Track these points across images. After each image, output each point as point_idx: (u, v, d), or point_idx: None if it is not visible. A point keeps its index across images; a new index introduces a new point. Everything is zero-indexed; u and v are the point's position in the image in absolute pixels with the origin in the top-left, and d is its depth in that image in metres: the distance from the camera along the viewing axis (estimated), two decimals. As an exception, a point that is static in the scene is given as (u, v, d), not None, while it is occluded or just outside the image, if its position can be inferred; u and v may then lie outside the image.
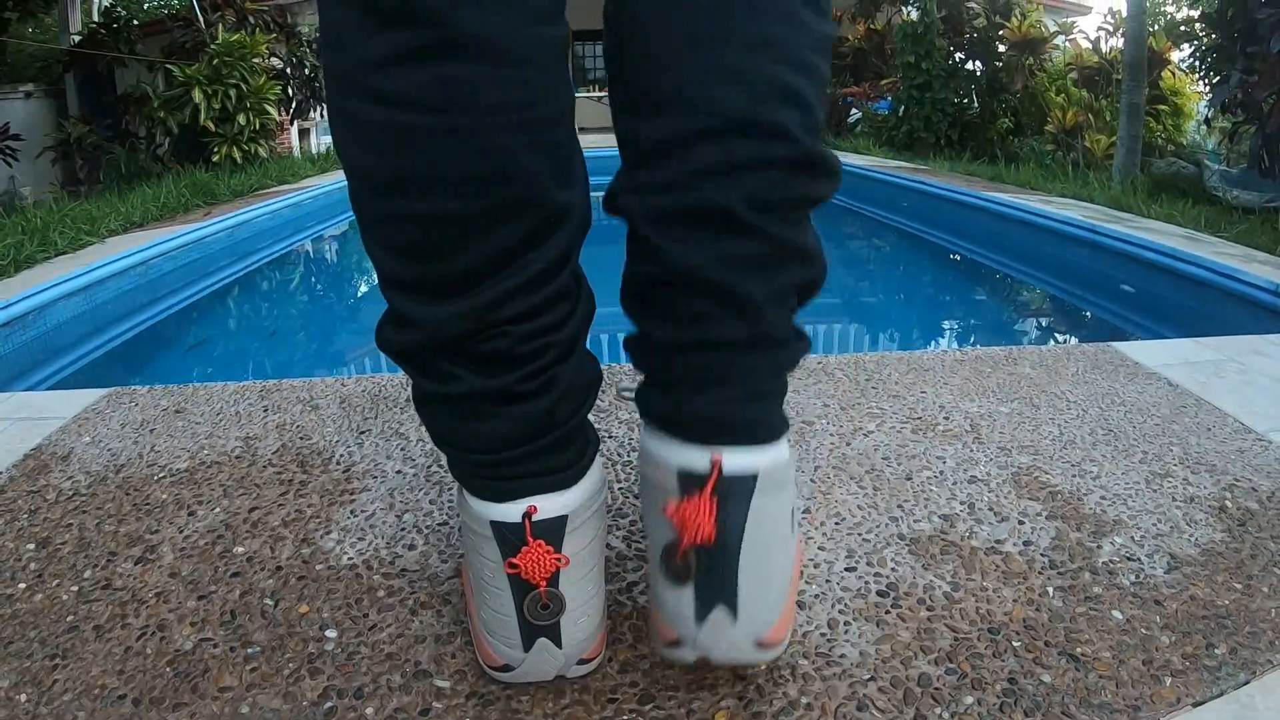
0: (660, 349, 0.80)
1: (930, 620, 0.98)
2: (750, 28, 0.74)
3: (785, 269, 0.78)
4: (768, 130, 0.74)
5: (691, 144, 0.74)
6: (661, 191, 0.76)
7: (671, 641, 0.79)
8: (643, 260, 0.79)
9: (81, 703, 0.87)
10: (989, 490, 1.28)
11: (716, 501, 0.74)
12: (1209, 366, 1.82)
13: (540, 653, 0.80)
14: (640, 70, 0.77)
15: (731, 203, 0.74)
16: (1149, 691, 0.87)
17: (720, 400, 0.76)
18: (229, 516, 1.24)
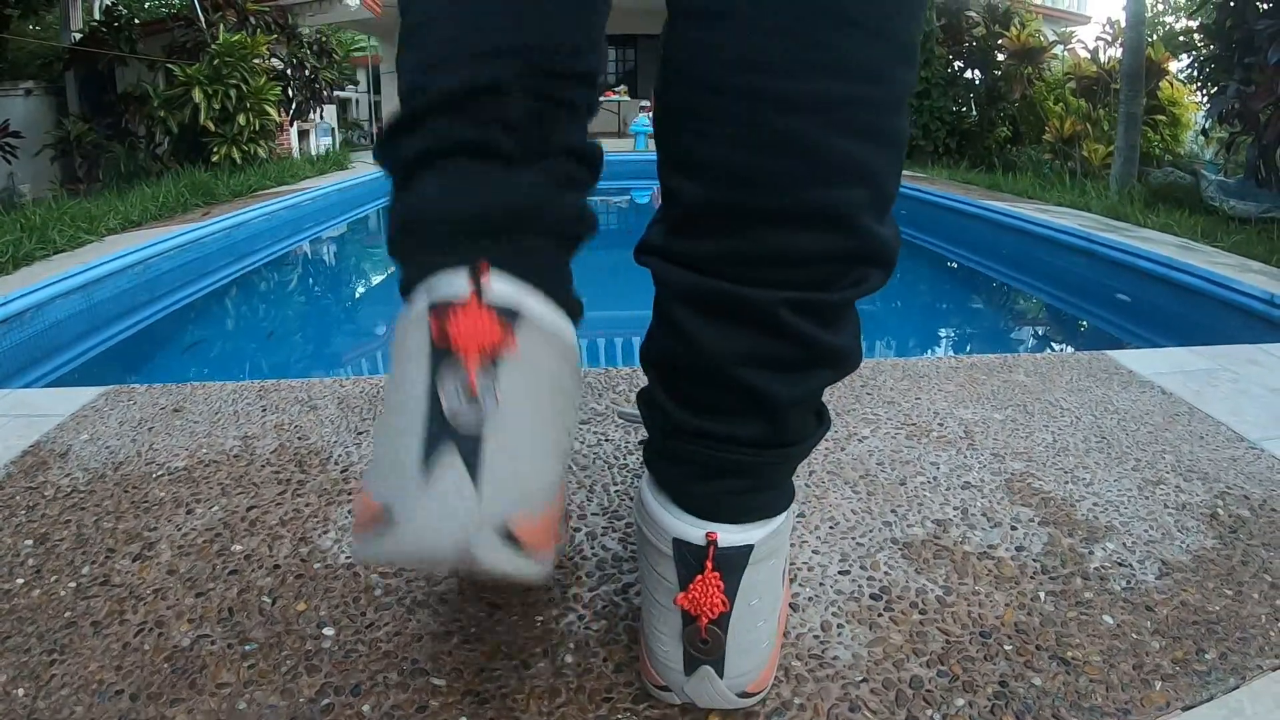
0: (674, 428, 0.76)
1: (922, 623, 0.98)
2: (825, 88, 0.64)
3: (818, 373, 0.73)
4: (829, 217, 0.66)
5: (736, 223, 0.67)
6: (698, 272, 0.70)
7: (660, 686, 0.81)
8: (669, 336, 0.74)
9: (79, 697, 0.88)
10: (982, 496, 1.29)
11: (720, 574, 0.74)
12: (1203, 375, 1.83)
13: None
14: (688, 121, 0.69)
15: (773, 304, 0.68)
16: (1139, 695, 0.88)
17: (726, 490, 0.74)
18: (227, 515, 1.25)
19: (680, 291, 0.71)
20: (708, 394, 0.73)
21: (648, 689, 0.85)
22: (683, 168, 0.69)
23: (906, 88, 0.68)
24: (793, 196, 0.65)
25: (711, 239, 0.69)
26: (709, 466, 0.74)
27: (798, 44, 0.62)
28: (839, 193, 0.66)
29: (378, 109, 17.45)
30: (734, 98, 0.64)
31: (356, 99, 17.88)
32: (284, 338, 4.10)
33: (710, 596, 0.73)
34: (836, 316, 0.72)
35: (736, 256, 0.68)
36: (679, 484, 0.76)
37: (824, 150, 0.64)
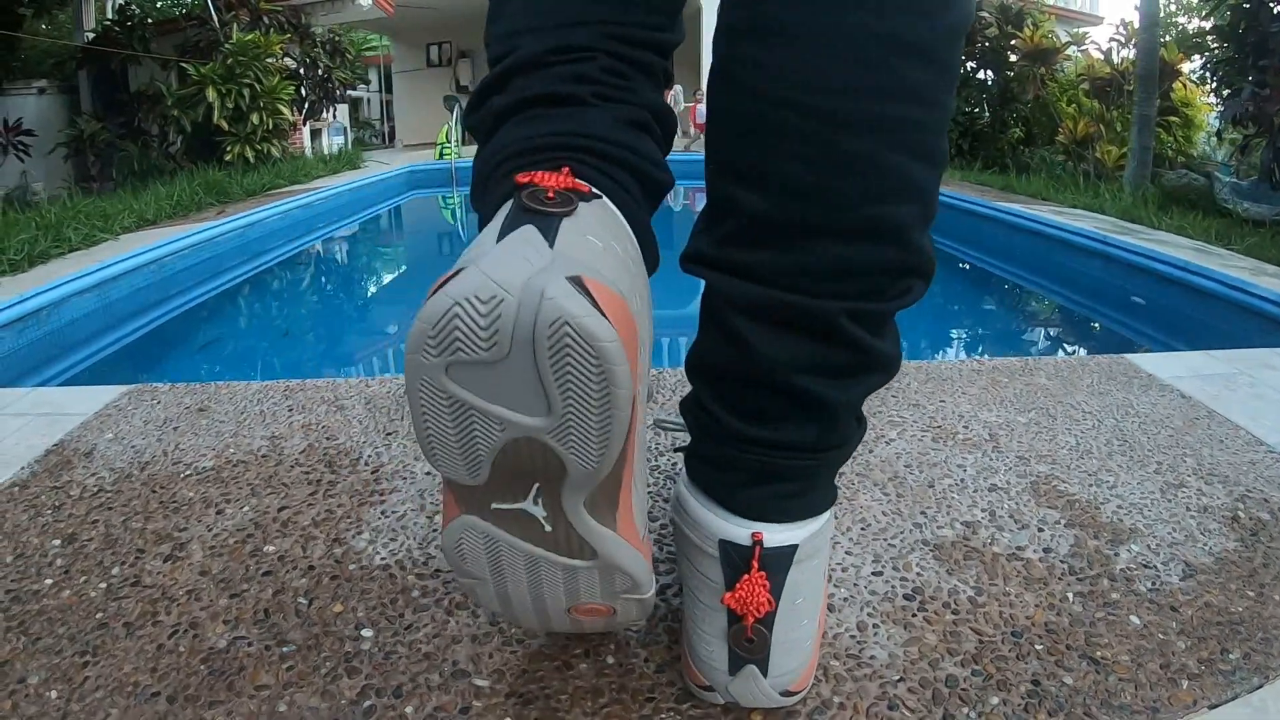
0: (723, 435, 0.77)
1: (955, 624, 1.00)
2: (886, 110, 0.66)
3: (868, 378, 0.76)
4: (886, 232, 0.69)
5: (796, 236, 0.69)
6: (756, 281, 0.71)
7: (703, 686, 0.83)
8: (723, 344, 0.75)
9: (114, 700, 0.88)
10: (1009, 498, 1.30)
11: (766, 574, 0.75)
12: (1220, 379, 1.84)
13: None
14: (750, 134, 0.70)
15: (833, 313, 0.70)
16: (1166, 694, 0.89)
17: (774, 494, 0.76)
18: (258, 515, 1.25)
19: (740, 302, 0.73)
20: (762, 401, 0.75)
21: (690, 689, 0.86)
22: (744, 179, 0.71)
23: (950, 111, 0.71)
24: (856, 212, 0.68)
25: (772, 250, 0.70)
26: (760, 472, 0.76)
27: (861, 67, 0.65)
28: (896, 209, 0.68)
29: (389, 108, 17.48)
30: (803, 116, 0.66)
31: (368, 98, 17.91)
32: (299, 336, 4.12)
33: (756, 596, 0.75)
34: (885, 324, 0.75)
35: (799, 268, 0.70)
36: (727, 489, 0.77)
37: (885, 169, 0.67)
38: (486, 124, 0.79)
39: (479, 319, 0.57)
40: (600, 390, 0.58)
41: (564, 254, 0.60)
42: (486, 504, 0.66)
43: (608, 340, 0.57)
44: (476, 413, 0.60)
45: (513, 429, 0.61)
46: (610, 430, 0.60)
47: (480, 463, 0.63)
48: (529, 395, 0.59)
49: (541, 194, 0.66)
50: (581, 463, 0.62)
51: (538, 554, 0.68)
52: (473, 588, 0.74)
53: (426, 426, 0.62)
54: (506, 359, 0.58)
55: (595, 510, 0.67)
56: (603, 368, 0.57)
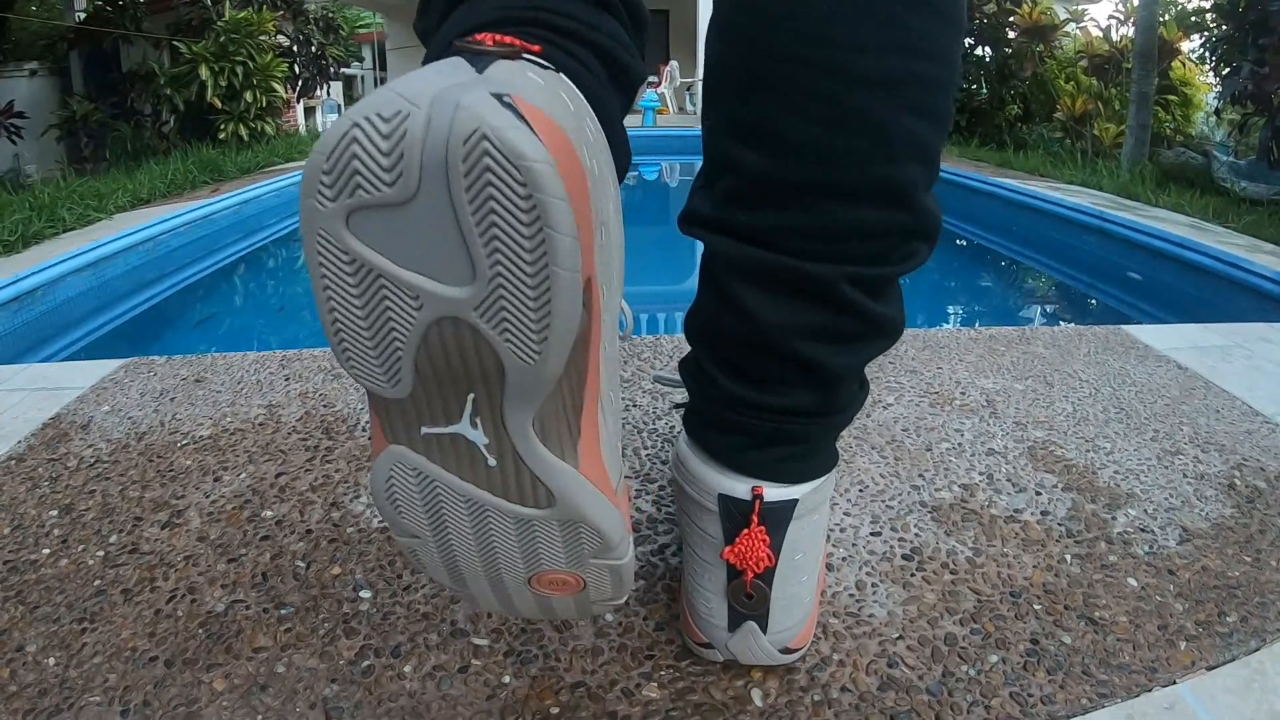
0: (724, 399, 0.76)
1: (954, 583, 1.00)
2: (896, 67, 0.64)
3: (871, 344, 0.74)
4: (894, 193, 0.67)
5: (799, 197, 0.67)
6: (756, 244, 0.69)
7: (702, 643, 0.83)
8: (723, 309, 0.74)
9: (112, 665, 0.88)
10: (1006, 462, 1.30)
11: (765, 528, 0.75)
12: (1217, 351, 1.85)
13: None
14: (752, 90, 0.67)
15: (835, 279, 0.68)
16: (1165, 655, 0.89)
17: (774, 458, 0.76)
18: (255, 482, 1.26)
19: (739, 265, 0.71)
20: (763, 367, 0.74)
21: (689, 646, 0.86)
22: (745, 137, 0.68)
23: (959, 68, 0.69)
24: (862, 172, 0.65)
25: (774, 211, 0.68)
26: (760, 436, 0.75)
27: (873, 21, 0.62)
28: (902, 169, 0.66)
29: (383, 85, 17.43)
30: (811, 71, 0.63)
31: (362, 76, 17.85)
32: (294, 312, 4.11)
33: (756, 551, 0.75)
34: (888, 289, 0.73)
35: (801, 230, 0.68)
36: (727, 451, 0.77)
37: (892, 127, 0.65)
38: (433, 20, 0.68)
39: (380, 141, 0.45)
40: (533, 236, 0.46)
41: (493, 77, 0.48)
42: (415, 427, 0.55)
43: (538, 160, 0.44)
44: (387, 282, 0.48)
45: (431, 304, 0.49)
46: (551, 303, 0.48)
47: (399, 361, 0.51)
48: (447, 252, 0.47)
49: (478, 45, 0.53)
50: (520, 354, 0.50)
51: (483, 499, 0.57)
52: (413, 549, 0.63)
53: (331, 309, 0.51)
54: (416, 197, 0.46)
55: (548, 438, 0.56)
56: (534, 200, 0.45)
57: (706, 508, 0.77)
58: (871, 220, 0.67)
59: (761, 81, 0.66)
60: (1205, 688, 0.86)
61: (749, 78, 0.67)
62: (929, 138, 0.67)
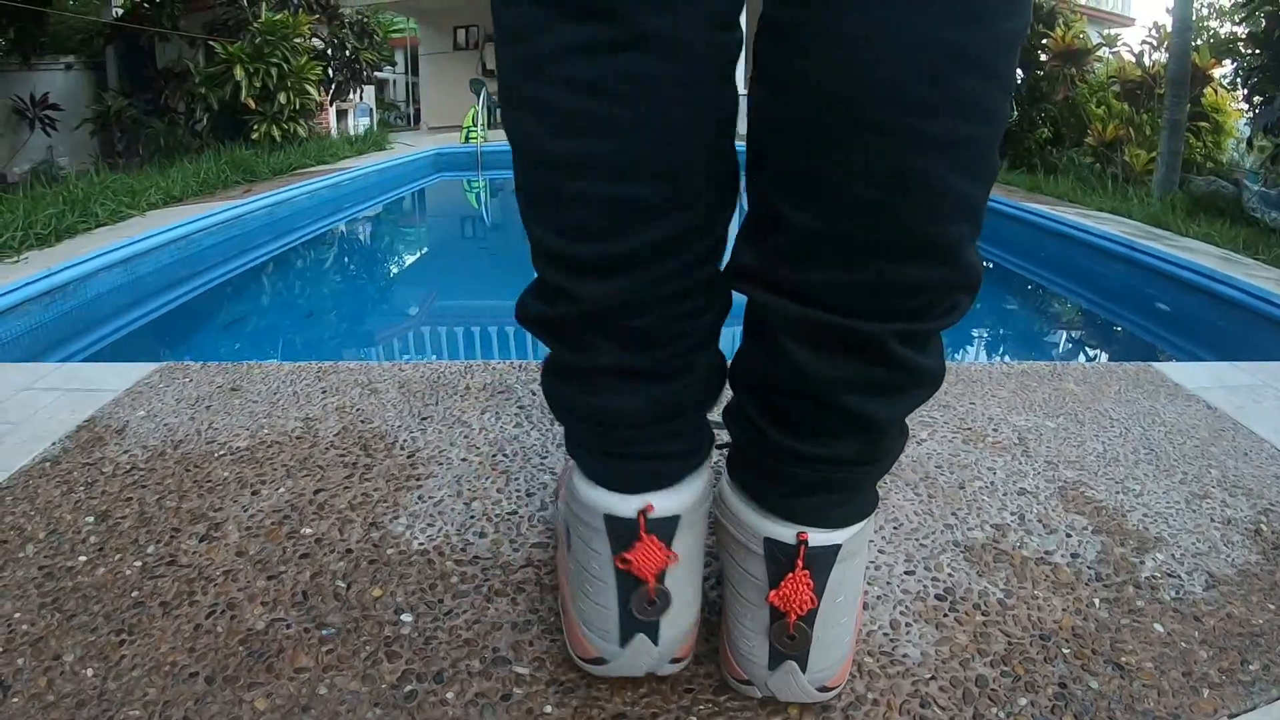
0: (771, 449, 0.78)
1: (985, 625, 1.01)
2: (948, 127, 0.64)
3: (915, 394, 0.76)
4: (942, 251, 0.68)
5: (854, 255, 0.68)
6: (805, 302, 0.71)
7: (742, 680, 0.85)
8: (769, 360, 0.77)
9: (152, 679, 0.89)
10: (1038, 502, 1.31)
11: (810, 572, 0.77)
12: (1246, 391, 1.84)
13: (637, 648, 0.82)
14: (804, 147, 0.68)
15: (885, 336, 0.70)
16: (1188, 701, 0.90)
17: (819, 504, 0.78)
18: (294, 497, 1.26)
19: (790, 322, 0.73)
20: (812, 418, 0.76)
21: (728, 681, 0.88)
22: (799, 196, 0.69)
23: (1005, 124, 0.70)
24: (914, 232, 0.67)
25: (824, 269, 0.70)
26: (805, 484, 0.77)
27: (933, 84, 0.63)
28: (952, 228, 0.68)
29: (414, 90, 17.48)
30: (874, 133, 0.64)
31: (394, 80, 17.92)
32: (323, 316, 4.13)
33: (800, 594, 0.77)
34: (932, 341, 0.75)
35: (851, 288, 0.70)
36: (773, 498, 0.79)
37: (946, 189, 0.66)
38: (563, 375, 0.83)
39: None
40: None
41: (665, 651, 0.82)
42: None
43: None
44: None
45: None
46: None
47: None
48: None
49: (644, 601, 0.79)
50: None
51: None
52: None
53: None
54: None
55: None
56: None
57: (751, 550, 0.79)
58: (920, 278, 0.69)
59: (820, 141, 0.67)
60: (1227, 736, 0.86)
61: (807, 136, 0.67)
62: (977, 197, 0.69)
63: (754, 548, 0.79)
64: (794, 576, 0.77)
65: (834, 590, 0.79)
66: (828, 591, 0.78)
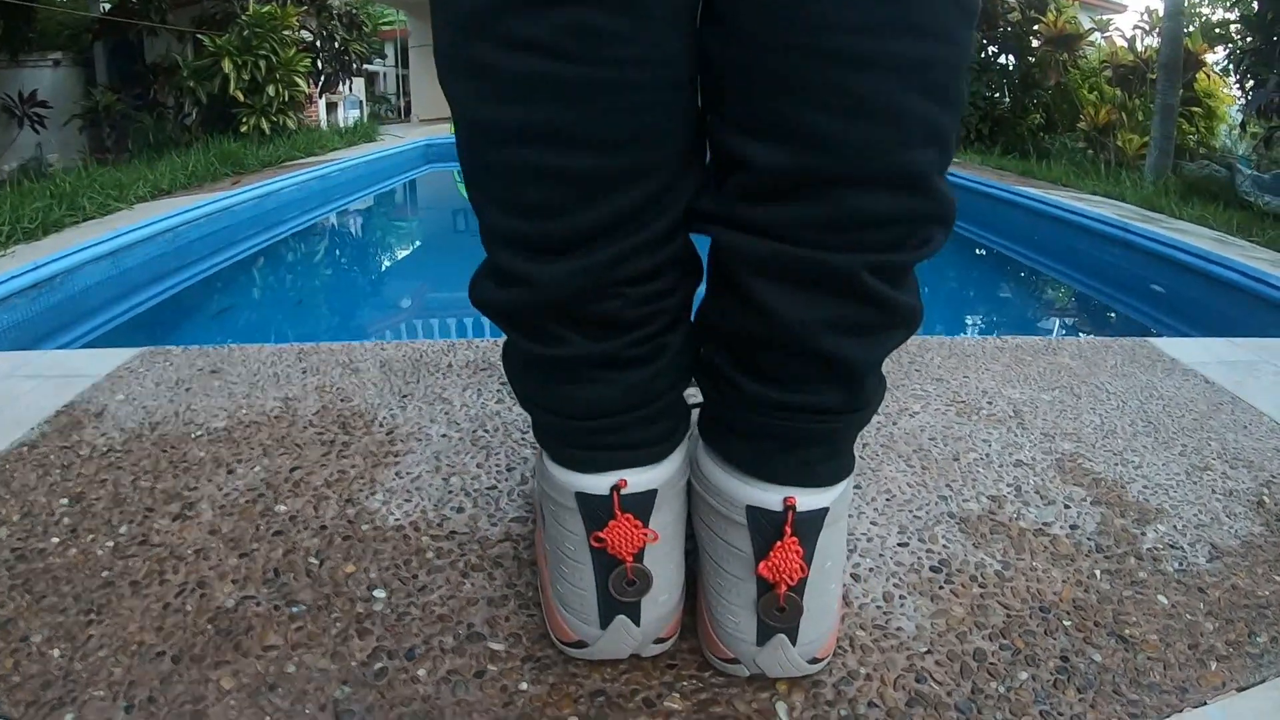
0: (747, 402, 0.74)
1: (983, 597, 0.98)
2: (903, 48, 0.62)
3: (892, 335, 0.73)
4: (909, 179, 0.66)
5: (815, 189, 0.65)
6: (772, 238, 0.68)
7: (727, 659, 0.81)
8: (738, 306, 0.72)
9: (118, 659, 0.86)
10: (1034, 474, 1.28)
11: (798, 539, 0.73)
12: (1243, 366, 1.82)
13: (618, 630, 0.79)
14: (759, 84, 0.65)
15: (855, 268, 0.67)
16: (1195, 674, 0.87)
17: (802, 460, 0.74)
18: (270, 475, 1.24)
19: (755, 261, 0.69)
20: (786, 365, 0.72)
21: (711, 662, 0.84)
22: (755, 132, 0.66)
23: (969, 49, 0.67)
24: (877, 159, 0.64)
25: (789, 205, 0.67)
26: (786, 438, 0.73)
27: (876, 4, 0.60)
28: (917, 154, 0.65)
29: (405, 83, 17.43)
30: (816, 60, 0.62)
31: (384, 73, 17.86)
32: (313, 307, 4.11)
33: (790, 563, 0.73)
34: (905, 276, 0.72)
35: (818, 222, 0.66)
36: (754, 458, 0.75)
37: (905, 112, 0.63)
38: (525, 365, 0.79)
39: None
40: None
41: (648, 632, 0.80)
42: None
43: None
44: None
45: None
46: None
47: None
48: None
49: (623, 581, 0.76)
50: None
51: None
52: None
53: None
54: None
55: None
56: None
57: (733, 520, 0.75)
58: (888, 207, 0.66)
59: (770, 76, 0.64)
60: (1236, 710, 0.84)
61: (756, 73, 0.65)
62: (942, 121, 0.66)
63: (736, 518, 0.75)
64: (783, 545, 0.73)
65: (822, 556, 0.75)
66: (816, 558, 0.75)
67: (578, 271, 0.68)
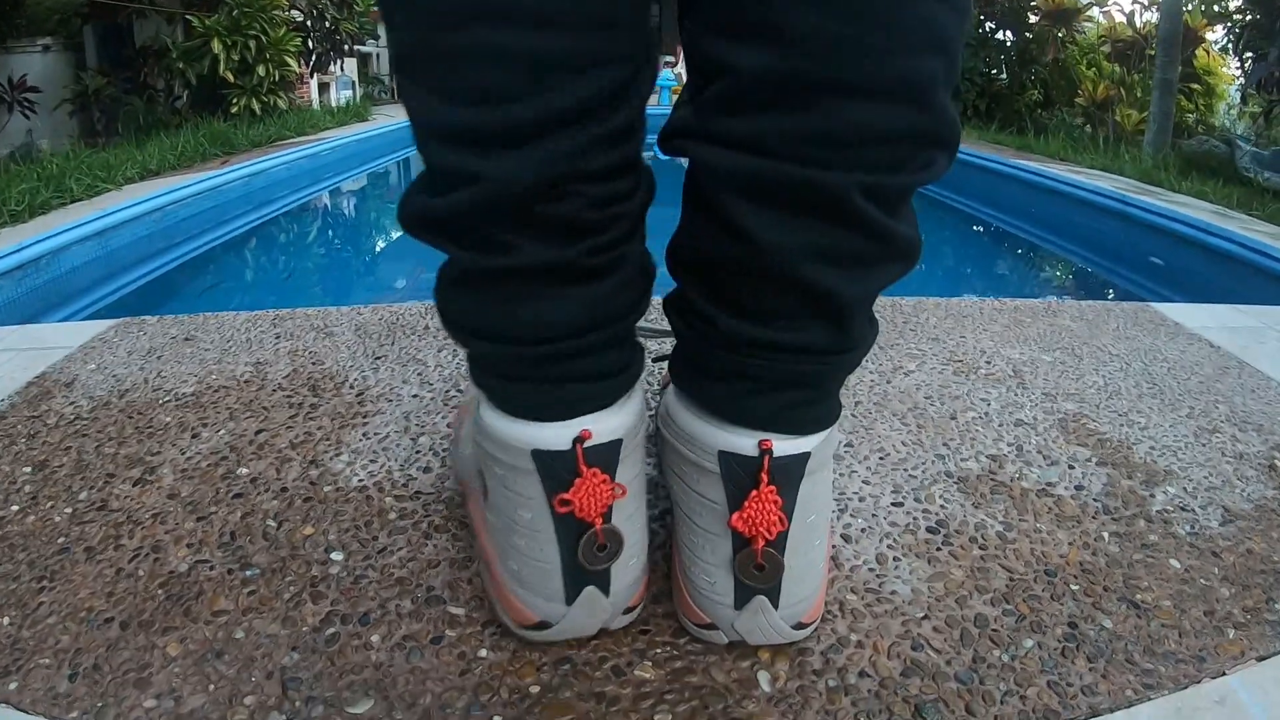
0: (722, 339, 0.68)
1: (983, 559, 0.92)
2: None
3: (885, 268, 0.66)
4: (911, 89, 0.59)
5: (808, 96, 0.58)
6: (755, 153, 0.61)
7: (704, 624, 0.75)
8: (716, 231, 0.66)
9: (66, 626, 0.82)
10: (1036, 433, 1.23)
11: (776, 489, 0.67)
12: (1248, 332, 1.77)
13: (586, 604, 0.72)
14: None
15: (844, 188, 0.60)
16: (1213, 643, 0.82)
17: (782, 404, 0.68)
18: (234, 439, 1.19)
19: (735, 178, 0.62)
20: (767, 297, 0.65)
21: (687, 629, 0.78)
22: (740, 35, 0.59)
23: None
24: (876, 65, 0.57)
25: (774, 116, 0.59)
26: (764, 380, 0.67)
27: None
28: (919, 62, 0.58)
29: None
30: None
31: (377, 53, 17.77)
32: (303, 289, 4.06)
33: (767, 514, 0.67)
34: (902, 203, 0.65)
35: (807, 135, 0.59)
36: (729, 401, 0.68)
37: (905, 12, 0.57)
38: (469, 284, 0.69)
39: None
40: None
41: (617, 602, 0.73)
42: None
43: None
44: None
45: None
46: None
47: None
48: None
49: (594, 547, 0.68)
50: None
51: None
52: None
53: None
54: None
55: None
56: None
57: (705, 468, 0.69)
58: (886, 121, 0.59)
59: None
60: (1256, 679, 0.78)
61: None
62: (948, 25, 0.58)
63: (708, 465, 0.69)
64: (758, 494, 0.67)
65: (804, 508, 0.69)
66: (798, 510, 0.68)
67: (533, 163, 0.60)
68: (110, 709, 0.72)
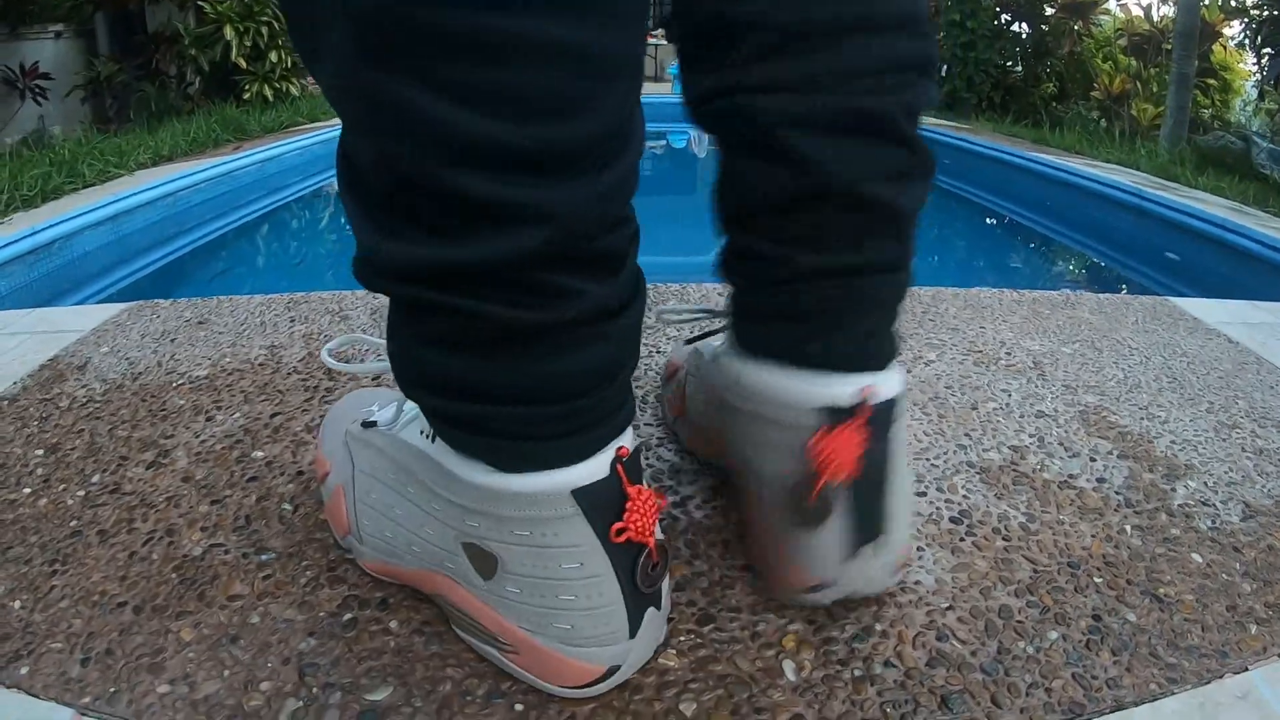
0: (793, 276, 0.68)
1: (1007, 550, 0.92)
2: None
3: (923, 182, 0.71)
4: (916, 22, 0.66)
5: (843, 37, 0.63)
6: (808, 90, 0.64)
7: (812, 587, 0.74)
8: (777, 168, 0.66)
9: (79, 609, 0.82)
10: (1057, 425, 1.22)
11: (866, 433, 0.67)
12: (1267, 328, 1.75)
13: (649, 628, 0.66)
14: None
15: (891, 110, 0.65)
16: (1235, 638, 0.81)
17: (867, 331, 0.70)
18: (249, 422, 1.19)
19: (787, 116, 0.65)
20: (834, 222, 0.68)
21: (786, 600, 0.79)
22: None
23: None
24: (899, 6, 0.65)
25: (816, 57, 0.64)
26: (847, 304, 0.69)
27: None
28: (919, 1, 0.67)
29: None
30: None
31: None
32: (316, 274, 4.06)
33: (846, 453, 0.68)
34: (918, 122, 0.70)
35: (845, 72, 0.65)
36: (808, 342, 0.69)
37: None
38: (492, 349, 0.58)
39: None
40: None
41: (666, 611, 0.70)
42: None
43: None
44: None
45: None
46: None
47: None
48: None
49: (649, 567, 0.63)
50: None
51: None
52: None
53: None
54: None
55: None
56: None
57: (803, 426, 0.68)
58: (903, 51, 0.66)
59: None
60: (1278, 675, 0.77)
61: None
62: None
63: (806, 422, 0.68)
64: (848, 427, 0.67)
65: (897, 449, 0.71)
66: (892, 451, 0.70)
67: (602, 188, 0.53)
68: (123, 694, 0.71)
